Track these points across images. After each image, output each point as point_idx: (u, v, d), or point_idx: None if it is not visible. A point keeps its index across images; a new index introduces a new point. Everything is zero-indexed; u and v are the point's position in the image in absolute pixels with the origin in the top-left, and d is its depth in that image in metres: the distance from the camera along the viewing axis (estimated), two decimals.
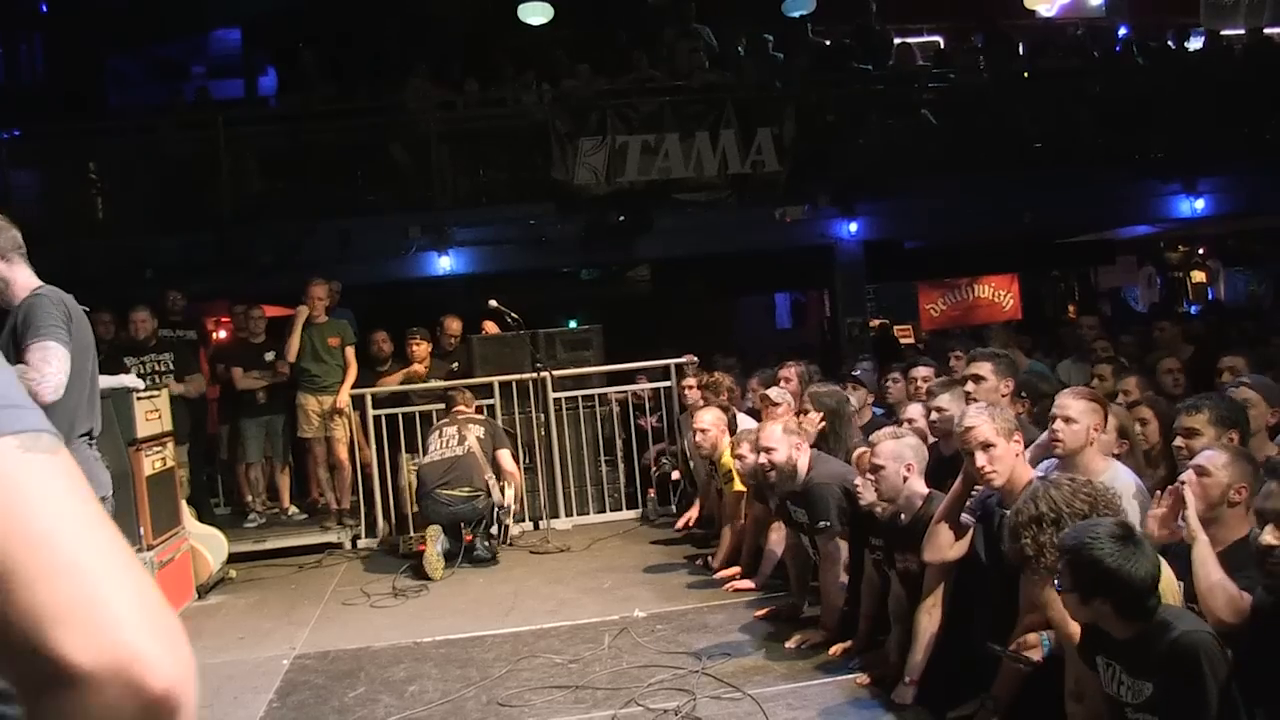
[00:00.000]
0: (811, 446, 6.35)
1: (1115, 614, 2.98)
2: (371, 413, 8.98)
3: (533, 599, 6.71)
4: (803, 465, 5.51)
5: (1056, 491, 3.40)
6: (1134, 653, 3.00)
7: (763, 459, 5.59)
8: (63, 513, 0.84)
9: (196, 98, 14.06)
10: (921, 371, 6.73)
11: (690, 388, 8.25)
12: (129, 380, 7.06)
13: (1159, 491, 3.73)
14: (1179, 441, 4.29)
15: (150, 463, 6.92)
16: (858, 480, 4.92)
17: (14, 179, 11.66)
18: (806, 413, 6.25)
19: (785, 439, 5.56)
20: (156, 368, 8.68)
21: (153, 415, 7.11)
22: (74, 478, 0.87)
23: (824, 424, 6.17)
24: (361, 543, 8.83)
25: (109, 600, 0.81)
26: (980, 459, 4.05)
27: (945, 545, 4.19)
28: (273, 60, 15.70)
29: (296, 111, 12.59)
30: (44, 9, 14.46)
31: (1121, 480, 4.06)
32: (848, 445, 5.99)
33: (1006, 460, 4.05)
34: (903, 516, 4.56)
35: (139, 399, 6.89)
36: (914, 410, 5.82)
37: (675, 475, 8.56)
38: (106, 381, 6.72)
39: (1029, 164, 12.53)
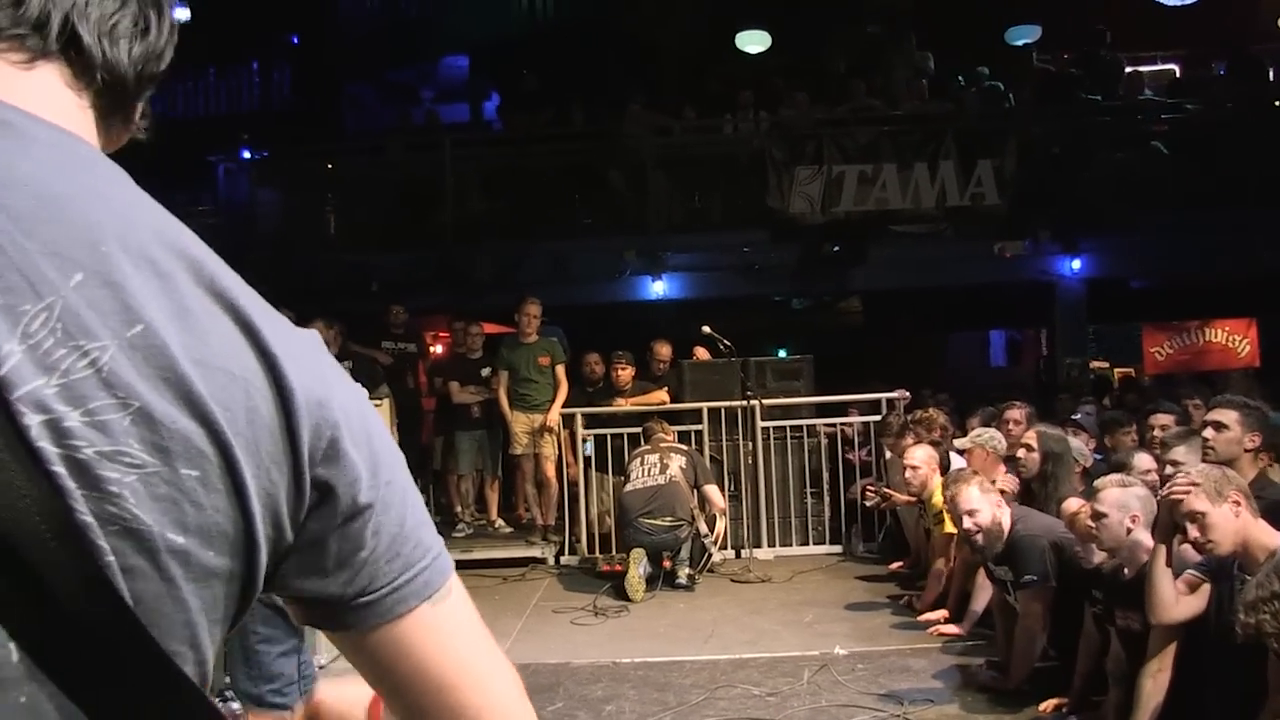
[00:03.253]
0: (1023, 488, 6.15)
1: None
2: (581, 432, 9.12)
3: (732, 628, 6.66)
4: (1005, 522, 5.31)
5: None
6: None
7: (968, 524, 5.39)
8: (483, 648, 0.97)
9: (425, 121, 14.69)
10: (1161, 419, 6.34)
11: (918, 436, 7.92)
12: None
13: None
14: None
15: None
16: (1077, 546, 4.70)
17: (260, 196, 12.46)
18: (1030, 450, 6.01)
19: (985, 499, 5.37)
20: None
21: None
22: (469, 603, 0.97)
23: (1041, 467, 5.92)
24: (564, 559, 8.97)
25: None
26: (1192, 532, 3.79)
27: (1169, 602, 3.92)
28: (497, 86, 16.28)
29: (518, 135, 13.00)
30: (295, 40, 15.40)
31: None
32: (1061, 494, 5.73)
33: (1224, 526, 3.74)
34: (1125, 571, 4.32)
35: None
36: (1144, 460, 5.51)
37: (870, 501, 8.29)
38: None
39: (1273, 200, 11.75)
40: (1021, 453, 6.09)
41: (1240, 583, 3.77)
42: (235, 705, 4.17)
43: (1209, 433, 5.04)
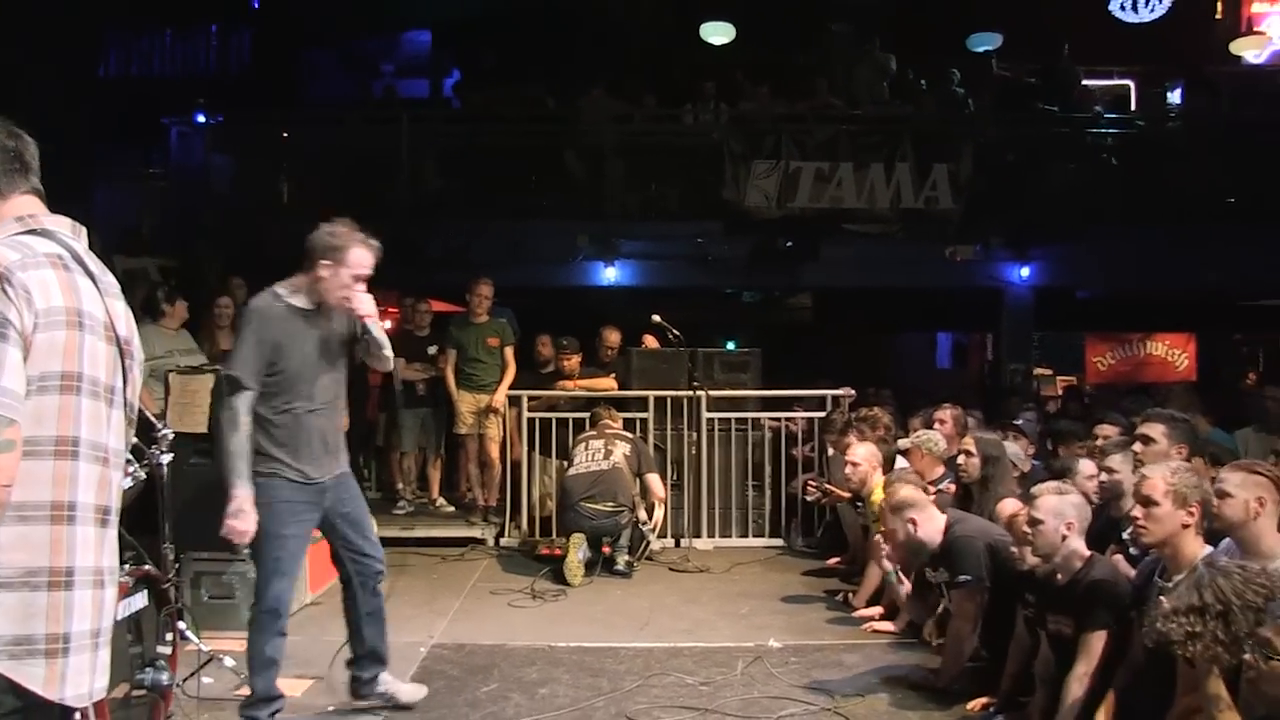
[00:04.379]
0: (961, 491, 6.24)
1: None
2: (526, 414, 9.10)
3: (668, 616, 6.69)
4: (934, 532, 5.39)
5: (1225, 580, 3.12)
6: None
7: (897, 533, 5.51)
8: None
9: (384, 95, 14.54)
10: (1105, 429, 6.42)
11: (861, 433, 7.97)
12: None
13: None
14: None
15: None
16: (1013, 546, 4.77)
17: (213, 161, 12.28)
18: (969, 455, 6.10)
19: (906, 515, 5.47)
20: None
21: None
22: None
23: (981, 471, 6.02)
24: (504, 541, 8.95)
25: None
26: (1138, 512, 3.95)
27: None
28: (458, 63, 16.14)
29: (476, 114, 12.91)
30: (255, 4, 15.20)
31: None
32: (998, 496, 5.83)
33: (1165, 525, 3.88)
34: (1059, 576, 4.39)
35: None
36: (1087, 466, 5.62)
37: (811, 496, 8.34)
38: None
39: (1219, 219, 11.96)
40: (961, 458, 6.19)
41: (1157, 590, 3.88)
42: (164, 676, 4.13)
43: (1138, 446, 5.24)
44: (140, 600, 4.18)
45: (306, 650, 5.78)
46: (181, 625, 4.69)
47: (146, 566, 4.28)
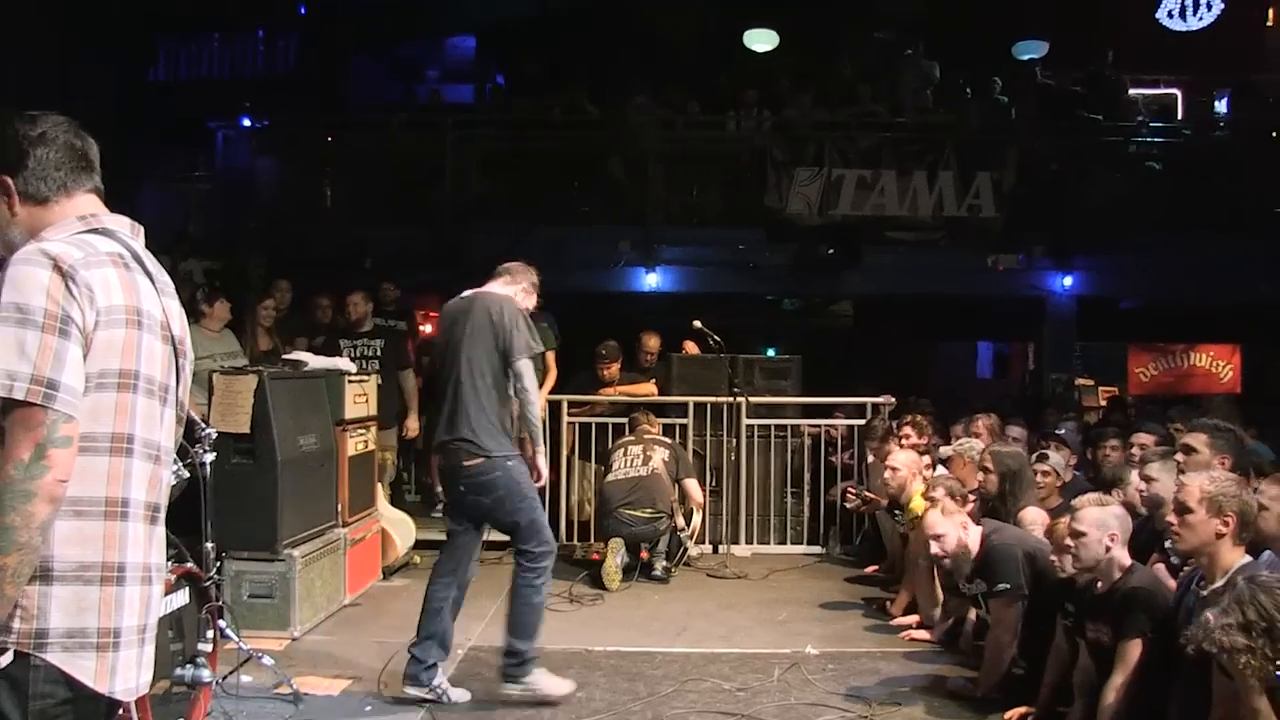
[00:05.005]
0: (985, 507, 6.20)
1: None
2: (566, 419, 9.13)
3: (705, 622, 6.69)
4: (974, 541, 5.39)
5: (1267, 596, 3.10)
6: None
7: (934, 549, 5.51)
8: None
9: (429, 99, 14.65)
10: (1142, 438, 6.38)
11: (906, 436, 7.99)
12: (343, 363, 7.38)
13: None
14: None
15: (354, 444, 7.19)
16: (1053, 555, 4.74)
17: (258, 165, 12.43)
18: (987, 471, 6.08)
19: (949, 522, 5.47)
20: (366, 353, 8.93)
21: (360, 399, 7.39)
22: None
23: (1000, 486, 5.99)
24: None
25: None
26: (1172, 518, 3.93)
27: None
28: (502, 69, 16.24)
29: (521, 119, 12.98)
30: (302, 10, 15.36)
31: None
32: (1018, 506, 5.82)
33: (1200, 532, 3.84)
34: (1099, 585, 4.37)
35: (350, 382, 7.18)
36: (1136, 477, 5.56)
37: (850, 503, 8.33)
38: (322, 362, 7.07)
39: (1269, 229, 11.80)
40: (980, 475, 6.16)
41: (1196, 598, 3.86)
42: (204, 673, 4.19)
43: (1180, 456, 5.17)
44: (182, 598, 4.24)
45: (345, 650, 5.85)
46: (222, 623, 4.75)
47: (188, 564, 4.34)
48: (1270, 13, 16.39)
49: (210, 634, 4.37)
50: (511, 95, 15.01)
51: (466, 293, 5.32)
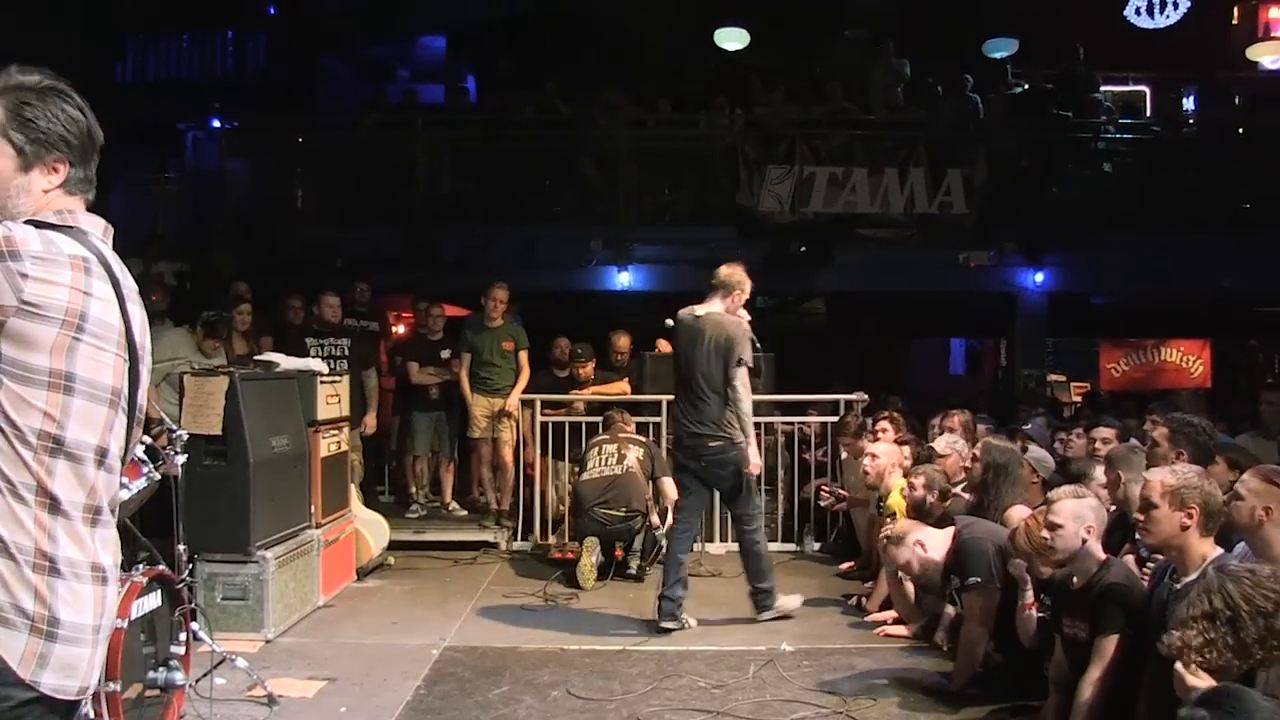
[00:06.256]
0: (967, 495, 6.24)
1: None
2: (540, 418, 9.11)
3: None
4: (941, 547, 5.47)
5: (1234, 585, 3.06)
6: None
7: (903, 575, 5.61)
8: None
9: (400, 99, 14.59)
10: (1103, 433, 6.46)
11: (884, 430, 8.02)
12: (315, 364, 7.34)
13: None
14: None
15: (326, 445, 7.15)
16: (1016, 559, 4.78)
17: (228, 166, 12.36)
18: (976, 460, 6.10)
19: (907, 549, 5.58)
20: (334, 352, 8.89)
21: (332, 400, 7.35)
22: None
23: (982, 477, 6.00)
24: (516, 545, 8.96)
25: None
26: (1139, 514, 3.97)
27: None
28: (473, 68, 16.18)
29: (491, 118, 12.94)
30: (271, 11, 15.27)
31: None
32: (1004, 504, 5.81)
33: (1165, 526, 3.87)
34: (1075, 580, 4.39)
35: (322, 383, 7.15)
36: (1098, 472, 5.61)
37: (824, 501, 8.35)
38: (294, 363, 7.02)
39: (1236, 225, 11.91)
40: (968, 463, 6.18)
41: (1170, 591, 3.88)
42: (177, 677, 4.15)
43: (1143, 450, 5.23)
44: (154, 600, 4.20)
45: (319, 652, 5.82)
46: (195, 626, 4.72)
47: (160, 567, 4.30)
48: (1235, 11, 16.55)
49: (183, 637, 4.34)
50: (482, 95, 14.96)
51: (698, 310, 6.61)
